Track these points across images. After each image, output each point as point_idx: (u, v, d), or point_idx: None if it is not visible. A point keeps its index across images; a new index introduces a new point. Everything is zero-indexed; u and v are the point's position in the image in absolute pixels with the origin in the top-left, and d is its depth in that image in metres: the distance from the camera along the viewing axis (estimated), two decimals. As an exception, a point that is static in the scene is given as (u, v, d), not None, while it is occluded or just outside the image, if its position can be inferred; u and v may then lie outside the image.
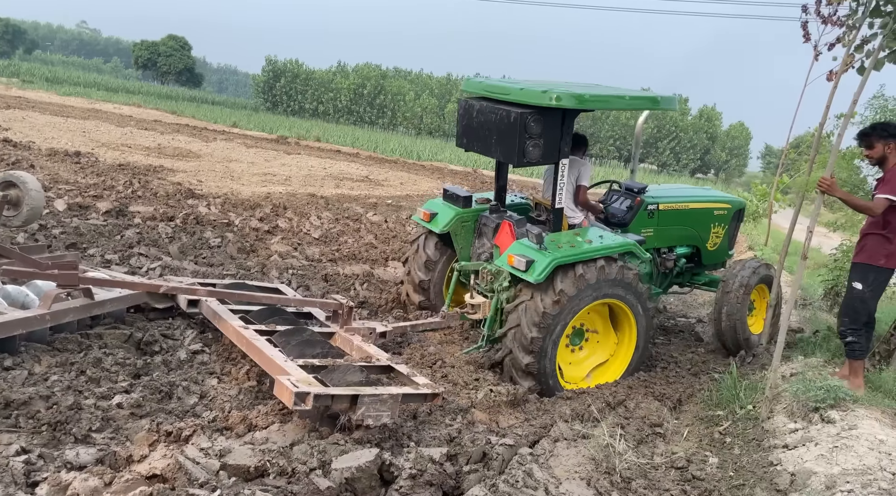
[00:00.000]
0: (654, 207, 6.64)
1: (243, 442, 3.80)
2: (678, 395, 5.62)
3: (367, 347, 5.01)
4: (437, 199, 6.64)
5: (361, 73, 51.89)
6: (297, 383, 3.85)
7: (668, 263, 6.81)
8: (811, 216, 5.25)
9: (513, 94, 5.42)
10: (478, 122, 5.67)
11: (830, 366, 5.66)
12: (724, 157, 50.10)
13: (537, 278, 5.11)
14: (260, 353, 4.43)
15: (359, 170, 19.21)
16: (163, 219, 9.10)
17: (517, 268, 5.21)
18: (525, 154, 5.26)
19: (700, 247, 7.15)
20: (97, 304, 4.94)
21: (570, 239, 5.49)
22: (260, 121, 34.02)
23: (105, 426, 3.80)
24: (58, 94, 32.05)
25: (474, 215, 6.35)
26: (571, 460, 4.08)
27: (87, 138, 17.15)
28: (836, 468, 3.92)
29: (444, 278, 6.59)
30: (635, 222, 6.55)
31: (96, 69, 65.60)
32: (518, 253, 5.28)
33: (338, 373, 4.28)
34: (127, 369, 4.51)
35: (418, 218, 6.51)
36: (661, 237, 6.77)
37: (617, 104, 5.78)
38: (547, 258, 5.16)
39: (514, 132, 5.26)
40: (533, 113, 5.20)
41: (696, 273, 7.38)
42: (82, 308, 4.81)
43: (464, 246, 6.39)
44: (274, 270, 7.49)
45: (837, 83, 5.34)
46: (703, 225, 7.05)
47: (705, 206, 7.08)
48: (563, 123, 5.38)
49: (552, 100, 5.10)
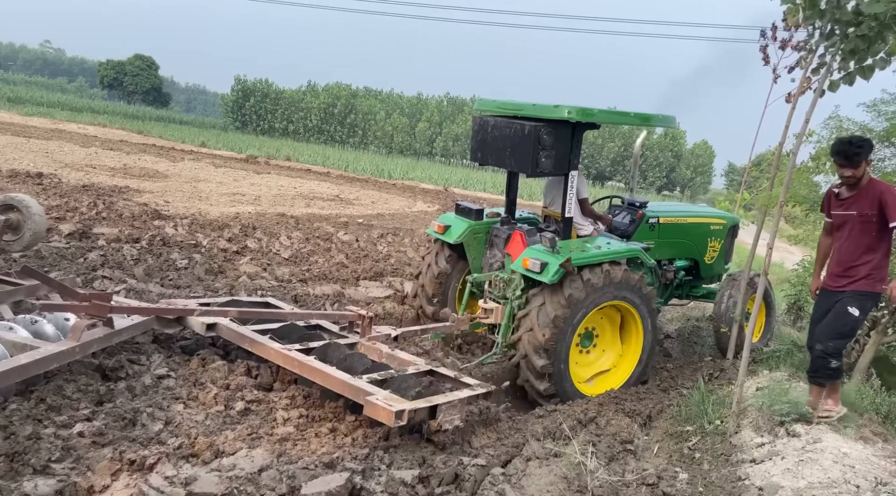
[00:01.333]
0: (654, 220, 7.00)
1: (210, 469, 3.72)
2: (648, 411, 5.67)
3: (399, 354, 5.20)
4: (450, 213, 7.00)
5: (331, 92, 51.96)
6: (389, 402, 4.04)
7: (668, 275, 7.11)
8: (770, 233, 5.38)
9: (526, 110, 5.90)
10: (492, 136, 6.07)
11: (794, 380, 5.76)
12: (689, 175, 51.11)
13: (552, 279, 5.41)
14: (323, 375, 4.52)
15: (329, 189, 19.16)
16: (128, 240, 8.94)
17: (532, 270, 5.51)
18: (538, 164, 5.66)
19: (698, 259, 7.48)
20: (116, 333, 4.85)
21: (580, 244, 5.88)
22: (229, 140, 33.78)
23: (65, 456, 3.68)
24: (20, 114, 31.45)
25: (486, 227, 6.68)
26: (544, 479, 4.07)
27: (50, 159, 16.83)
28: (803, 482, 3.98)
29: (457, 291, 6.87)
30: (637, 234, 6.89)
31: (60, 89, 64.64)
32: (532, 256, 5.59)
33: (400, 384, 4.47)
34: (89, 396, 4.39)
35: (432, 230, 6.83)
36: (662, 249, 7.09)
37: (622, 120, 6.19)
38: (560, 260, 5.45)
39: (528, 144, 5.66)
40: (546, 126, 5.62)
41: (694, 285, 7.71)
42: (105, 337, 4.72)
43: (476, 256, 6.70)
44: (243, 292, 7.39)
45: (795, 105, 5.50)
46: (701, 238, 7.41)
47: (703, 220, 7.46)
48: (572, 136, 5.80)
49: (565, 114, 5.52)
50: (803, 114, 4.88)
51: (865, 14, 4.25)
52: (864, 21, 4.33)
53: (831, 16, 4.48)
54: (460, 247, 6.64)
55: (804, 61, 5.35)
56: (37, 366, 4.09)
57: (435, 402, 4.21)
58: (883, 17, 4.21)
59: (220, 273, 8.24)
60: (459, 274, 6.83)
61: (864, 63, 4.57)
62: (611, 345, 6.19)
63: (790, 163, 5.08)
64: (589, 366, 6.12)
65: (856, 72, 4.64)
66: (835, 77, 4.73)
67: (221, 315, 5.32)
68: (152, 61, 57.35)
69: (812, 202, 6.59)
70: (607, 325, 6.14)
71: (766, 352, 7.02)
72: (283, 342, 5.12)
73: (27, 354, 4.12)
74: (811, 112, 4.82)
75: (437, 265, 6.77)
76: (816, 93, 4.73)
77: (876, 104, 6.13)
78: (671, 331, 8.66)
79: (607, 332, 6.16)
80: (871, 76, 4.63)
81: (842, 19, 4.41)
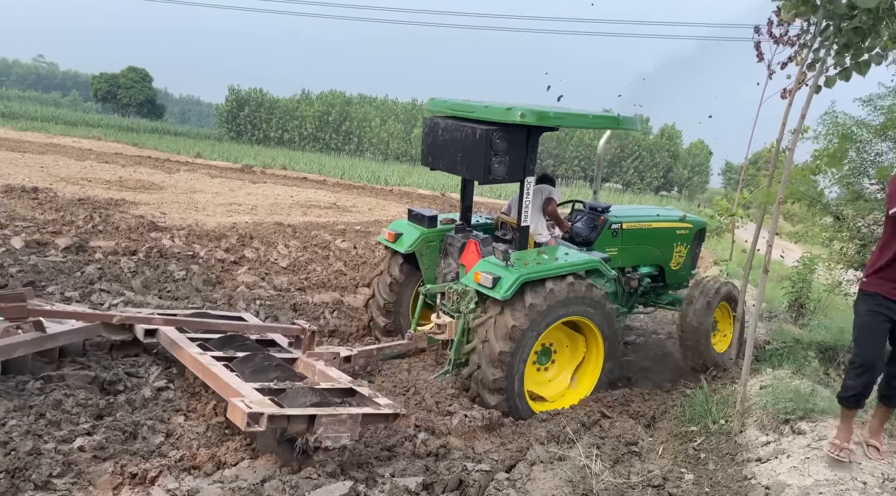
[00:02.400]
0: (617, 226, 6.69)
1: (212, 481, 3.69)
2: (652, 413, 5.64)
3: (329, 371, 4.92)
4: (402, 220, 6.64)
5: (326, 100, 51.99)
6: (250, 404, 3.74)
7: (632, 282, 6.83)
8: (769, 230, 5.37)
9: (478, 112, 5.46)
10: (443, 139, 5.71)
11: (798, 377, 5.74)
12: (687, 175, 51.15)
13: (504, 295, 5.09)
14: (215, 378, 4.33)
15: (326, 197, 19.13)
16: (125, 253, 8.90)
17: (484, 285, 5.20)
18: (490, 171, 5.30)
19: (664, 266, 7.21)
20: (49, 337, 4.75)
21: (537, 256, 5.52)
22: (224, 150, 33.74)
23: (66, 471, 3.65)
24: (14, 129, 31.39)
25: (439, 235, 6.34)
26: (548, 483, 4.04)
27: (46, 173, 16.79)
28: (809, 479, 3.95)
29: (410, 301, 6.55)
30: (599, 241, 6.59)
31: (54, 103, 64.52)
32: (485, 270, 5.28)
33: (296, 396, 4.19)
34: (89, 410, 4.36)
35: (383, 238, 6.49)
36: (626, 256, 6.80)
37: (580, 122, 5.80)
38: (514, 275, 5.16)
39: (479, 149, 5.30)
40: (498, 130, 5.26)
41: (659, 292, 7.42)
42: (33, 341, 4.63)
43: (429, 266, 6.36)
44: (241, 301, 7.36)
45: (792, 101, 5.50)
46: (666, 244, 7.11)
47: (668, 225, 7.15)
48: (527, 141, 5.44)
49: (517, 117, 5.15)
50: (799, 110, 4.87)
51: (859, 7, 4.24)
52: (857, 15, 4.32)
53: (825, 10, 4.48)
54: (412, 256, 6.28)
55: (798, 57, 5.35)
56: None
57: (312, 413, 3.85)
58: (876, 10, 4.21)
59: (218, 283, 8.21)
60: (412, 286, 6.49)
61: (860, 58, 4.56)
62: (570, 360, 5.88)
63: (787, 160, 5.07)
64: (556, 379, 5.84)
65: (852, 67, 4.64)
66: (830, 73, 4.72)
67: (145, 322, 5.18)
68: (146, 73, 57.34)
69: (811, 199, 6.58)
70: (563, 337, 5.80)
71: (768, 351, 7.00)
72: (211, 350, 4.97)
73: None
74: (807, 108, 4.80)
75: (390, 274, 6.42)
76: (812, 88, 4.72)
77: (872, 99, 6.12)
78: (672, 332, 8.63)
79: (564, 340, 5.83)
80: (868, 71, 4.62)
81: (835, 13, 4.41)
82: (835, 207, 6.51)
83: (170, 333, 5.11)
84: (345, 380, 4.74)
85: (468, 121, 5.54)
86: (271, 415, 3.67)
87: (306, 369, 5.09)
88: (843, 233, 6.40)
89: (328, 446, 3.84)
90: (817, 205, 6.57)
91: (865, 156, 6.25)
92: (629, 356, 7.25)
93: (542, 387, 5.74)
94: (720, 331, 7.07)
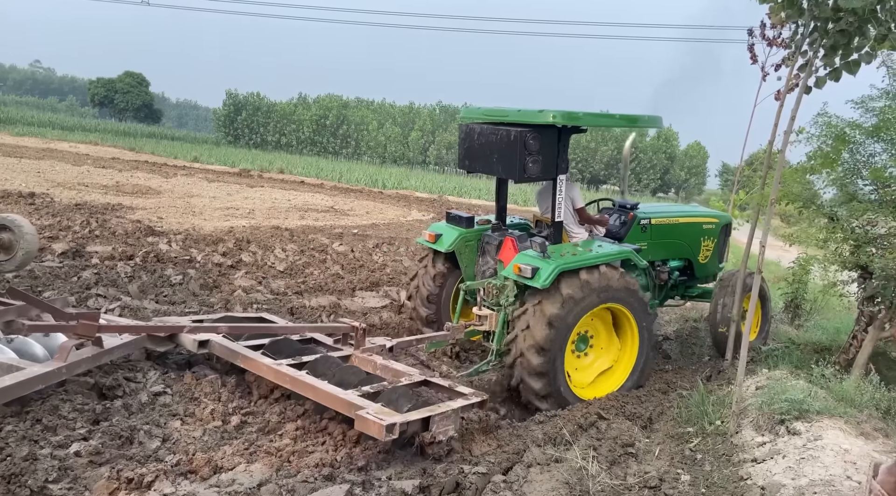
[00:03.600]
0: (646, 222, 6.97)
1: (209, 485, 3.70)
2: (648, 414, 5.65)
3: (391, 364, 5.19)
4: (441, 222, 6.96)
5: (323, 103, 52.01)
6: (380, 416, 4.00)
7: (662, 275, 7.09)
8: (763, 231, 5.39)
9: (511, 116, 5.86)
10: (479, 143, 6.05)
11: (793, 378, 5.75)
12: (684, 176, 51.21)
13: (543, 283, 5.36)
14: (314, 390, 4.49)
15: (323, 200, 19.15)
16: (122, 258, 8.90)
17: (523, 276, 5.47)
18: (525, 170, 5.64)
19: (692, 259, 7.46)
20: (107, 352, 4.82)
21: (572, 248, 5.84)
22: (221, 155, 33.77)
23: (62, 476, 3.65)
24: (10, 134, 31.40)
25: (477, 235, 6.66)
26: (545, 485, 4.05)
27: (42, 178, 16.79)
28: (804, 479, 3.97)
29: (451, 297, 6.82)
30: (629, 236, 6.85)
31: (51, 108, 64.58)
32: (523, 262, 5.56)
33: (392, 397, 4.44)
34: (85, 415, 4.36)
35: (423, 240, 6.79)
36: (655, 250, 7.07)
37: (608, 122, 6.18)
38: (551, 265, 5.44)
39: (514, 150, 5.64)
40: (531, 131, 5.59)
41: (689, 286, 7.69)
42: (94, 357, 4.68)
43: (468, 264, 6.66)
44: (238, 306, 7.36)
45: (784, 102, 5.53)
46: (693, 238, 7.38)
47: (695, 220, 7.43)
48: (559, 141, 5.79)
49: (549, 118, 5.49)
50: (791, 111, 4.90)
51: (844, 9, 4.27)
52: (843, 17, 4.35)
53: (811, 13, 4.51)
54: (452, 255, 6.61)
55: (788, 60, 5.38)
56: (20, 388, 4.05)
57: (427, 414, 4.17)
58: (861, 11, 4.24)
59: (216, 288, 8.21)
60: (453, 282, 6.80)
61: (850, 58, 4.59)
62: (607, 348, 6.15)
63: (779, 161, 5.09)
64: (588, 368, 6.10)
65: (841, 67, 4.67)
66: (820, 73, 4.75)
67: (213, 331, 5.28)
68: (142, 78, 57.39)
69: (805, 200, 6.60)
70: (602, 329, 6.11)
71: (764, 351, 7.01)
72: (275, 357, 5.08)
73: (11, 376, 4.08)
74: (797, 109, 4.84)
75: (431, 273, 6.75)
76: (801, 89, 4.75)
77: (864, 101, 6.14)
78: (669, 333, 8.65)
79: (602, 336, 6.13)
80: (857, 71, 4.65)
81: (821, 16, 4.44)
82: (829, 208, 6.53)
83: (224, 343, 5.18)
84: (415, 373, 5.04)
85: (502, 124, 5.88)
86: (402, 423, 4.00)
87: (363, 364, 5.28)
88: (837, 234, 6.42)
89: (441, 440, 4.22)
90: (811, 206, 6.58)
91: (859, 157, 6.27)
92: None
93: (578, 372, 6.00)
94: None
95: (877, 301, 6.29)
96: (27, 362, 4.41)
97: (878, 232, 6.29)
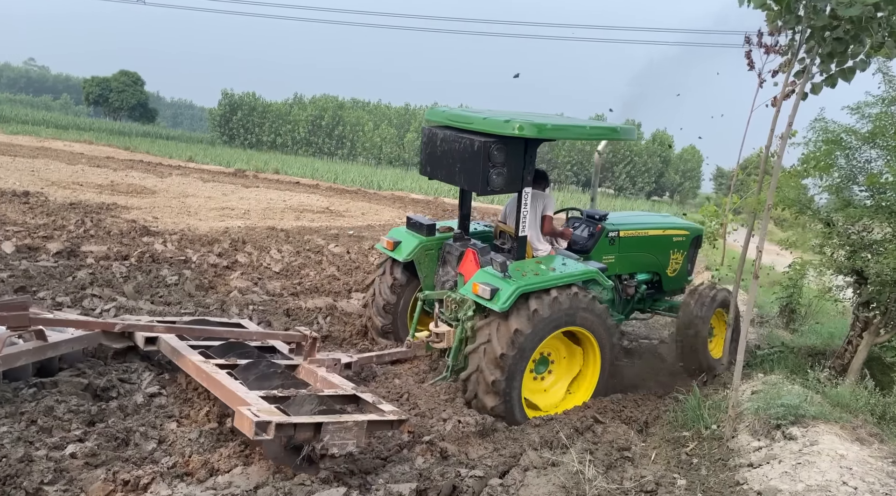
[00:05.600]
0: (615, 234, 6.76)
1: (205, 487, 3.68)
2: (645, 418, 5.66)
3: (331, 378, 4.94)
4: (401, 228, 6.65)
5: (318, 104, 51.93)
6: (257, 413, 3.76)
7: (629, 290, 6.89)
8: (759, 235, 5.41)
9: (476, 123, 5.47)
10: (442, 150, 5.72)
11: (789, 383, 5.77)
12: (678, 180, 51.36)
13: (502, 306, 5.11)
14: (220, 386, 4.34)
15: (319, 201, 19.11)
16: (117, 258, 8.87)
17: (482, 297, 5.21)
18: (489, 182, 5.32)
19: (661, 273, 7.28)
20: (51, 346, 4.76)
21: (534, 267, 5.53)
22: (217, 154, 33.65)
23: (58, 478, 3.63)
24: (4, 132, 31.21)
25: (438, 243, 6.37)
26: (542, 489, 4.05)
27: (36, 177, 16.71)
28: (800, 485, 3.98)
29: (409, 306, 6.56)
30: (597, 249, 6.64)
31: (45, 106, 64.21)
32: (483, 281, 5.29)
33: (301, 404, 4.20)
34: (81, 417, 4.34)
35: (382, 247, 6.51)
36: (623, 264, 6.87)
37: (578, 134, 5.85)
38: (511, 286, 5.17)
39: (477, 160, 5.32)
40: (496, 142, 5.28)
41: (656, 299, 7.50)
42: (35, 350, 4.63)
43: (427, 274, 6.39)
44: (234, 306, 7.34)
45: (780, 108, 5.55)
46: (663, 251, 7.20)
47: (665, 232, 7.24)
48: (525, 152, 5.47)
49: (515, 129, 5.17)
50: (788, 117, 4.92)
51: (841, 17, 4.29)
52: (839, 25, 4.37)
53: (808, 20, 4.53)
54: (411, 263, 6.33)
55: (785, 66, 5.41)
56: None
57: (319, 420, 3.87)
58: (858, 20, 4.26)
59: (211, 288, 8.19)
60: (411, 292, 6.50)
61: (845, 65, 4.62)
62: (569, 359, 5.90)
63: (776, 165, 5.11)
64: (552, 389, 5.86)
65: (837, 74, 4.69)
66: (816, 80, 4.78)
67: (147, 330, 5.18)
68: (138, 77, 57.10)
69: (801, 205, 6.63)
70: (560, 345, 5.80)
71: (759, 356, 7.04)
72: (213, 357, 4.98)
73: None
74: (794, 115, 4.86)
75: (392, 275, 6.47)
76: (798, 95, 4.77)
77: (860, 107, 6.18)
78: (665, 337, 8.67)
79: (562, 350, 5.84)
80: (853, 78, 4.67)
81: (817, 24, 4.46)
82: (824, 214, 6.57)
83: (171, 341, 5.10)
84: (348, 386, 4.76)
85: (467, 132, 5.54)
86: (279, 424, 3.69)
87: (308, 376, 5.10)
88: (833, 239, 6.46)
89: (334, 453, 3.88)
90: (807, 211, 6.62)
91: (855, 163, 6.31)
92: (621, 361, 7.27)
93: (537, 395, 5.75)
94: (716, 336, 7.12)
95: (872, 306, 6.32)
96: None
97: (874, 237, 6.33)
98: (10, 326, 4.58)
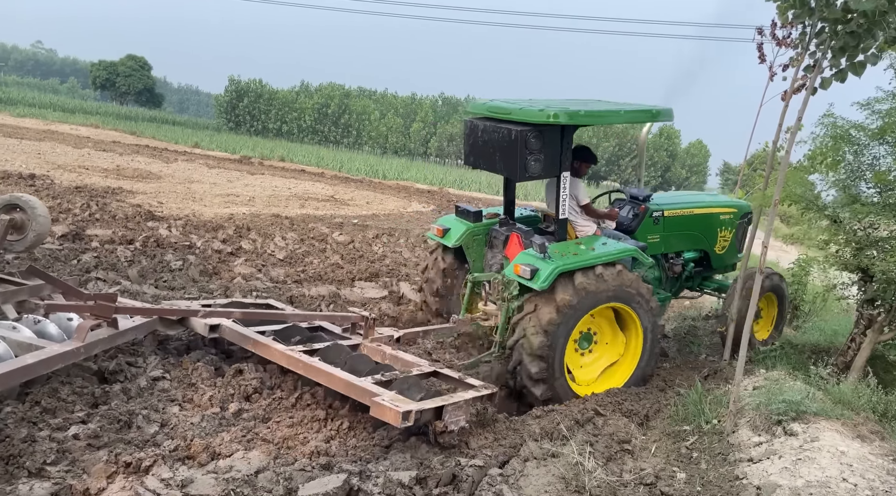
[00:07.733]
0: (658, 214, 6.93)
1: (206, 471, 3.70)
2: (645, 411, 5.66)
3: (402, 356, 5.25)
4: (449, 216, 6.97)
5: (325, 92, 51.82)
6: (396, 403, 4.06)
7: (675, 268, 7.07)
8: (765, 231, 5.39)
9: (513, 114, 5.75)
10: (482, 140, 6.00)
11: (791, 379, 5.77)
12: (685, 174, 51.18)
13: (541, 285, 5.36)
14: (329, 376, 4.53)
15: (324, 189, 19.12)
16: (121, 242, 8.89)
17: (523, 277, 5.46)
18: (527, 169, 5.61)
19: (708, 251, 7.41)
20: (120, 334, 4.85)
21: (574, 248, 5.79)
22: (222, 141, 33.64)
23: (60, 458, 3.66)
24: (11, 115, 31.24)
25: (485, 229, 6.66)
26: (541, 479, 4.06)
27: (43, 160, 16.75)
28: (800, 481, 3.98)
29: (461, 289, 6.82)
30: (641, 229, 6.82)
31: (52, 90, 64.25)
32: (524, 262, 5.55)
33: (405, 386, 4.50)
34: (84, 398, 4.37)
35: (432, 234, 6.82)
36: (668, 243, 7.04)
37: (613, 119, 6.06)
38: (551, 266, 5.43)
39: (515, 149, 5.59)
40: (532, 130, 5.53)
41: (705, 277, 7.68)
42: (108, 338, 4.72)
43: (476, 258, 6.68)
44: (237, 293, 7.35)
45: (788, 103, 5.51)
46: (709, 229, 7.32)
47: (711, 210, 7.35)
48: (562, 139, 5.71)
49: (549, 117, 5.43)
50: (797, 112, 4.88)
51: (854, 11, 4.25)
52: (853, 18, 4.33)
53: (820, 13, 4.48)
54: (461, 249, 6.63)
55: (794, 60, 5.36)
56: (42, 367, 4.08)
57: (441, 404, 4.23)
58: (872, 13, 4.21)
59: (215, 274, 8.21)
60: (462, 275, 6.83)
61: (856, 59, 4.58)
62: (612, 340, 6.13)
63: (783, 160, 5.08)
64: (592, 365, 6.08)
65: (847, 68, 4.65)
66: (826, 74, 4.73)
67: (224, 316, 5.32)
68: (145, 62, 57.03)
69: (807, 201, 6.59)
70: (604, 322, 6.08)
71: (762, 352, 7.02)
72: (285, 343, 5.10)
73: (32, 354, 4.10)
74: (803, 110, 4.82)
75: (440, 267, 6.82)
76: (808, 90, 4.73)
77: (870, 103, 6.12)
78: (668, 331, 8.66)
79: (605, 329, 6.10)
80: (863, 72, 4.63)
81: (829, 17, 4.42)
82: (831, 210, 6.53)
83: (236, 327, 5.21)
84: (425, 364, 5.10)
85: (505, 122, 5.80)
86: (418, 411, 4.07)
87: (372, 353, 5.33)
88: (839, 236, 6.42)
89: (453, 430, 4.27)
90: (813, 207, 6.58)
91: (863, 159, 6.27)
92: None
93: (576, 369, 5.98)
94: (763, 319, 7.23)
95: (876, 304, 6.30)
96: (46, 342, 4.43)
97: (880, 235, 6.30)
98: (95, 315, 4.66)
